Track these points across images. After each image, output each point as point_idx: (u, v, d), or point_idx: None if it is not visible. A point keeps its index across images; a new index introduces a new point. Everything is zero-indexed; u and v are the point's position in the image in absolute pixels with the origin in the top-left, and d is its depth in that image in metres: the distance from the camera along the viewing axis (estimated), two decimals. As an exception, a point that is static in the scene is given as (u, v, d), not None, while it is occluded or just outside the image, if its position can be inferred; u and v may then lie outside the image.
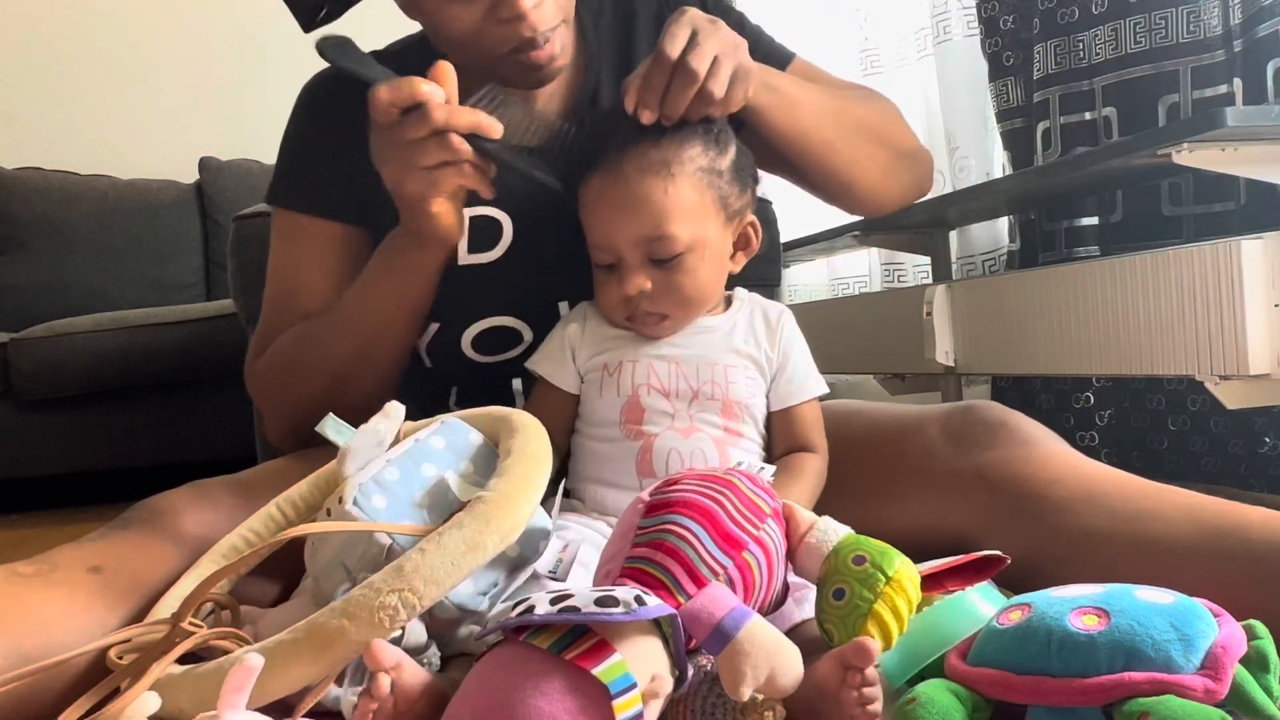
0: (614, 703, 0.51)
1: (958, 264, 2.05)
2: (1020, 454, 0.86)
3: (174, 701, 0.62)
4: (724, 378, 0.92)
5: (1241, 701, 0.53)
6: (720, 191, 0.90)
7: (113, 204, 3.11)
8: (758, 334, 0.95)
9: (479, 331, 1.03)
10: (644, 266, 0.89)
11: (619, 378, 0.92)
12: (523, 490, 0.69)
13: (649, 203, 0.86)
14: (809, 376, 0.96)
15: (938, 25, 2.07)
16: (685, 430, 0.90)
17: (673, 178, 0.87)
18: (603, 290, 0.93)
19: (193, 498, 0.89)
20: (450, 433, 0.80)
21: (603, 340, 0.94)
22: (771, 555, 0.65)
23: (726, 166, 0.90)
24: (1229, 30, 1.52)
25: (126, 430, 2.64)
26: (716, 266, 0.92)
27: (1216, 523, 0.73)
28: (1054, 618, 0.58)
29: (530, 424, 0.78)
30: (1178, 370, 1.22)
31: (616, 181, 0.88)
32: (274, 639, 0.61)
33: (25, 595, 0.75)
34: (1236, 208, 1.53)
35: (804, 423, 0.94)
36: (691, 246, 0.88)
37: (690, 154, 0.88)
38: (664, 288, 0.89)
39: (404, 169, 0.85)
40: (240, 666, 0.53)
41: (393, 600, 0.60)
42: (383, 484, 0.73)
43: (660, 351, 0.93)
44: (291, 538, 0.70)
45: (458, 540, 0.63)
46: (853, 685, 0.56)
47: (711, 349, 0.93)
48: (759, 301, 0.98)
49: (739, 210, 0.92)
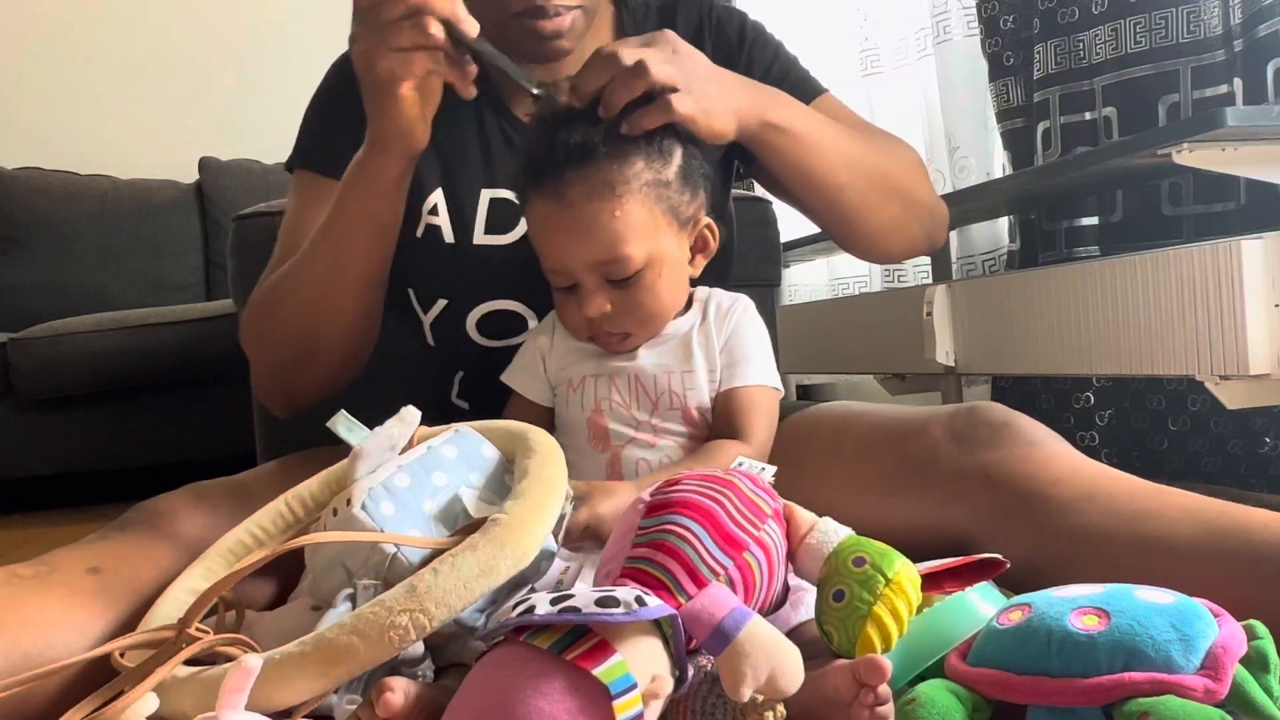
0: (614, 703, 0.51)
1: (958, 264, 2.05)
2: (1023, 454, 0.86)
3: (178, 705, 0.62)
4: (682, 386, 0.91)
5: (1241, 701, 0.53)
6: (670, 203, 0.88)
7: (113, 204, 3.11)
8: (711, 331, 0.93)
9: (484, 313, 1.04)
10: (602, 288, 0.88)
11: (581, 393, 0.92)
12: (537, 515, 0.68)
13: (598, 226, 0.85)
14: (749, 362, 0.92)
15: (938, 25, 2.07)
16: (650, 440, 0.91)
17: (619, 199, 0.85)
18: (563, 311, 0.92)
19: (191, 500, 0.89)
20: (463, 443, 0.79)
21: (567, 354, 0.94)
22: (772, 556, 0.65)
23: (673, 175, 0.88)
24: (1229, 30, 1.52)
25: (126, 430, 2.64)
26: (676, 278, 0.91)
27: (1218, 523, 0.73)
28: (1054, 618, 0.58)
29: (548, 444, 0.77)
30: (1178, 370, 1.22)
31: (562, 207, 0.86)
32: (282, 650, 0.61)
33: (24, 597, 0.75)
34: (1236, 208, 1.53)
35: (734, 406, 0.91)
36: (648, 263, 0.87)
37: (633, 171, 0.86)
38: (624, 307, 0.89)
39: (376, 46, 0.83)
40: (239, 668, 0.53)
41: (404, 620, 0.60)
42: (392, 490, 0.73)
43: (619, 364, 0.92)
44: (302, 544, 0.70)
45: (471, 564, 0.63)
46: (865, 704, 0.56)
47: (670, 357, 0.92)
48: (716, 296, 0.96)
49: (692, 216, 0.91)
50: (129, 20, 3.30)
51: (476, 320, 1.04)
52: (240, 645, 0.67)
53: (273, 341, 1.02)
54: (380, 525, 0.71)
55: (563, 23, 0.95)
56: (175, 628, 0.67)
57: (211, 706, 0.55)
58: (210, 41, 3.31)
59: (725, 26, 1.10)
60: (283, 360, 1.02)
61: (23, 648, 0.70)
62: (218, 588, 0.69)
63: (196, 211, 3.19)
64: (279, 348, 1.01)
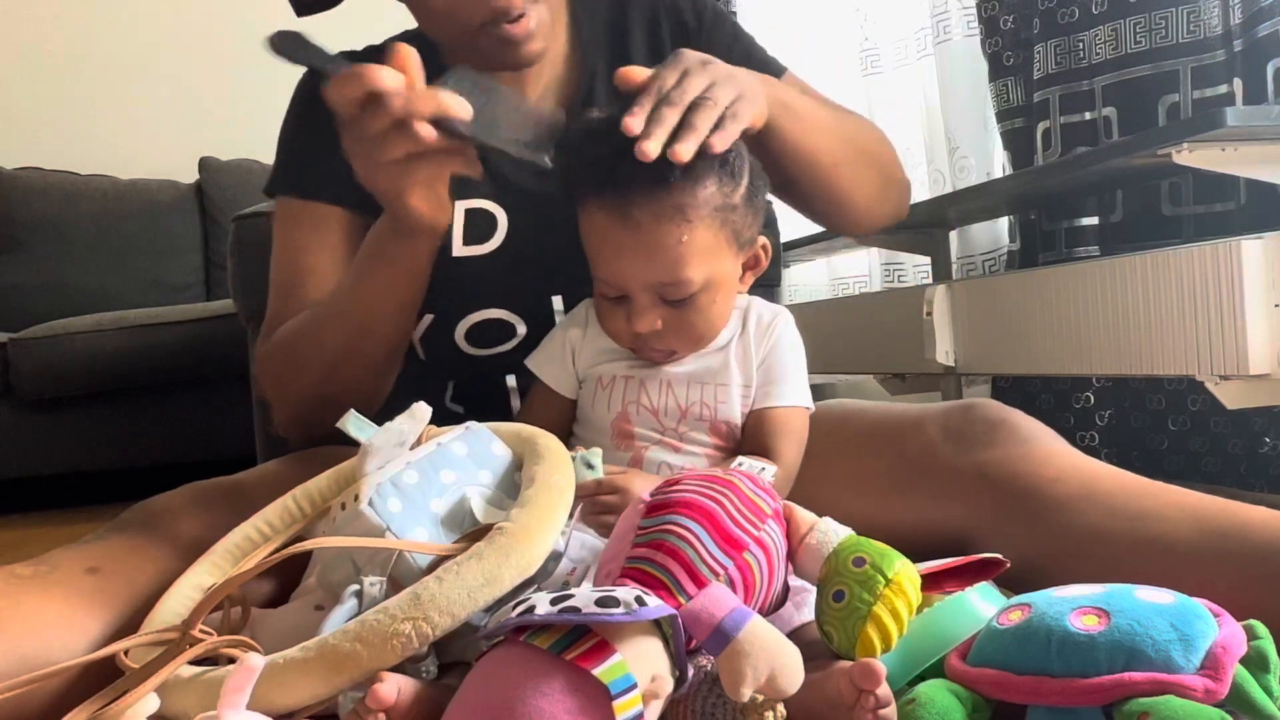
0: (614, 703, 0.51)
1: (958, 264, 2.05)
2: (1020, 452, 0.85)
3: (182, 705, 0.62)
4: (714, 398, 0.90)
5: (1241, 701, 0.53)
6: (734, 226, 0.86)
7: (113, 204, 3.11)
8: (750, 345, 0.92)
9: (472, 324, 1.03)
10: (655, 306, 0.86)
11: (611, 391, 0.91)
12: (544, 524, 0.68)
13: (663, 250, 0.83)
14: (785, 381, 0.91)
15: (938, 25, 2.07)
16: (675, 446, 0.90)
17: (689, 223, 0.82)
18: (609, 319, 0.90)
19: (191, 500, 0.89)
20: (474, 440, 0.79)
21: (600, 351, 0.93)
22: (772, 556, 0.65)
23: (740, 199, 0.86)
24: (1229, 30, 1.52)
25: (126, 430, 2.64)
26: (728, 299, 0.90)
27: (1218, 522, 0.73)
28: (1054, 618, 0.58)
29: (556, 450, 0.77)
30: (1178, 370, 1.22)
31: (625, 225, 0.83)
32: (285, 654, 0.61)
33: (23, 597, 0.75)
34: (1236, 208, 1.53)
35: (767, 428, 0.90)
36: (705, 286, 0.85)
37: (705, 195, 0.83)
38: (675, 326, 0.87)
39: (372, 165, 0.79)
40: (241, 667, 0.53)
41: (407, 629, 0.60)
42: (400, 486, 0.73)
43: (654, 370, 0.91)
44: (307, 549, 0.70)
45: (476, 573, 0.63)
46: (868, 708, 0.56)
47: (705, 369, 0.91)
48: (757, 306, 0.95)
49: (751, 238, 0.89)
50: (129, 20, 3.30)
51: (465, 331, 1.03)
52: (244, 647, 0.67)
53: (293, 397, 1.01)
54: (387, 522, 0.71)
55: (528, 24, 0.92)
56: (180, 629, 0.67)
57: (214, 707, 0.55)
58: (210, 41, 3.31)
59: (680, 9, 1.08)
60: (304, 414, 1.00)
61: (21, 648, 0.70)
62: (223, 588, 0.69)
63: (196, 211, 3.19)
64: (299, 404, 0.99)
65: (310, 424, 1.01)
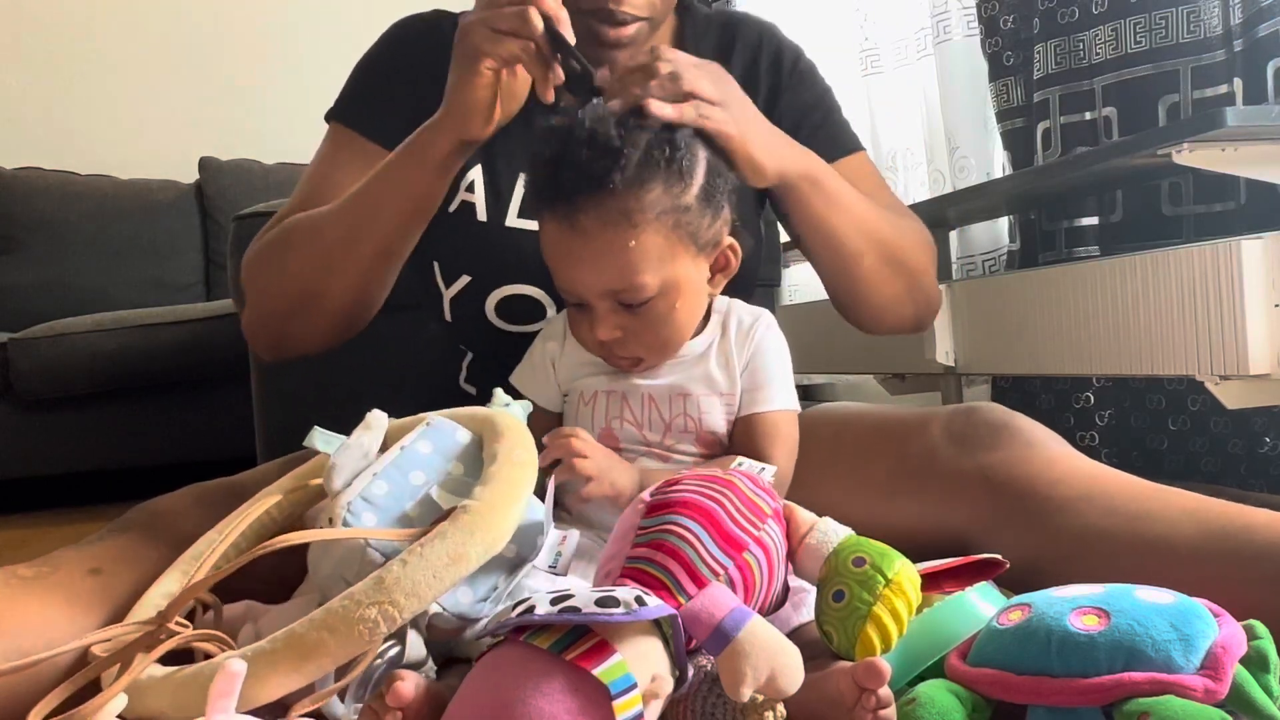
0: (614, 703, 0.51)
1: (958, 264, 2.05)
2: (1023, 455, 0.86)
3: (155, 705, 0.61)
4: (697, 409, 0.89)
5: (1241, 701, 0.53)
6: (689, 228, 0.84)
7: (113, 204, 3.11)
8: (731, 350, 0.90)
9: (505, 296, 1.03)
10: (614, 312, 0.85)
11: (594, 408, 0.90)
12: (508, 498, 0.68)
13: (612, 255, 0.82)
14: (770, 386, 0.89)
15: (938, 25, 2.07)
16: (662, 456, 0.89)
17: (635, 228, 0.81)
18: (575, 326, 0.90)
19: (191, 501, 0.89)
20: (437, 435, 0.78)
21: (578, 365, 0.92)
22: (772, 556, 0.65)
23: (693, 198, 0.84)
24: (1229, 30, 1.52)
25: (126, 430, 2.64)
26: (692, 303, 0.88)
27: (1219, 524, 0.73)
28: (1054, 618, 0.58)
29: (515, 426, 0.76)
30: (1178, 370, 1.22)
31: (574, 232, 0.82)
32: (254, 647, 0.61)
33: (25, 598, 0.75)
34: (1236, 208, 1.53)
35: (757, 433, 0.89)
36: (662, 290, 0.84)
37: (651, 197, 0.81)
38: (636, 332, 0.86)
39: (479, 21, 0.84)
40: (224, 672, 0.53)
41: (372, 613, 0.59)
42: (371, 500, 0.72)
43: (633, 383, 0.90)
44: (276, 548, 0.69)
45: (440, 552, 0.62)
46: (868, 708, 0.56)
47: (685, 379, 0.89)
48: (737, 309, 0.93)
49: (712, 238, 0.87)
50: (129, 20, 3.30)
51: (496, 302, 1.03)
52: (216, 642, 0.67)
53: (273, 288, 1.02)
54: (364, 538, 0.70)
55: (626, 32, 0.95)
56: (155, 621, 0.66)
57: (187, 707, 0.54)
58: (211, 41, 3.31)
59: (781, 54, 1.11)
60: (279, 309, 1.02)
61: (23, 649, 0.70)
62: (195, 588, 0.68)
63: (196, 211, 3.19)
64: (278, 297, 1.01)
65: (281, 338, 1.03)
